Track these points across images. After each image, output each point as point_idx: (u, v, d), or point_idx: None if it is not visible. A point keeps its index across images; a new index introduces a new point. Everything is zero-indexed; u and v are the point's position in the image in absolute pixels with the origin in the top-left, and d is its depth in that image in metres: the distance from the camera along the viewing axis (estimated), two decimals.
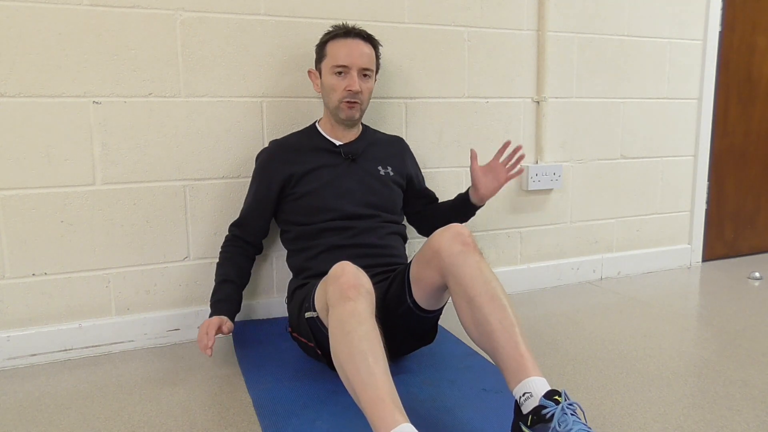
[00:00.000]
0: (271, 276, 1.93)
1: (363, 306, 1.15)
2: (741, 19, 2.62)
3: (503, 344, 1.15)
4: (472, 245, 1.28)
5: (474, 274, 1.23)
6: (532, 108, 2.24)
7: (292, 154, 1.68)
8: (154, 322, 1.80)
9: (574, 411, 1.03)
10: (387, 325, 1.30)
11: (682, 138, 2.56)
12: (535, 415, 1.04)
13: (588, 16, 2.28)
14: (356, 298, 1.16)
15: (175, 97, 1.75)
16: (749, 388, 1.47)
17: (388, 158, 1.76)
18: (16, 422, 1.34)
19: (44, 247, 1.67)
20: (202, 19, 1.75)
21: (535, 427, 1.03)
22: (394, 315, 1.41)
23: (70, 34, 1.63)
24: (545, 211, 2.33)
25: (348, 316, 1.13)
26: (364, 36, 1.65)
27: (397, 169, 1.76)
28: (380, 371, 1.06)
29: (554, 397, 1.05)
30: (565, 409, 1.02)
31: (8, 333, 1.65)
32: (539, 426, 1.02)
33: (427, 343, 1.55)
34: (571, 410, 1.02)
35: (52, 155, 1.65)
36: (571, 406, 1.03)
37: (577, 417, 1.02)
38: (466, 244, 1.27)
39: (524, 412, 1.07)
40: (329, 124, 1.72)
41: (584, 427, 1.00)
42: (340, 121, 1.68)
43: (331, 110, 1.68)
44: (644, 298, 2.21)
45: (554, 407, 1.02)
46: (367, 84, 1.66)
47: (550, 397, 1.05)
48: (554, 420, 1.01)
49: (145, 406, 1.41)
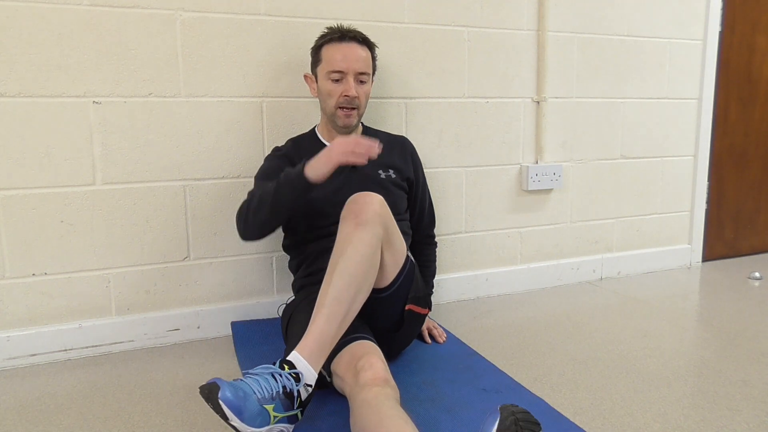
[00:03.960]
0: (271, 276, 1.93)
1: (392, 393, 1.19)
2: (741, 19, 2.62)
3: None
4: (363, 221, 1.32)
5: (339, 245, 1.33)
6: (532, 108, 2.24)
7: (296, 161, 1.64)
8: (154, 322, 1.80)
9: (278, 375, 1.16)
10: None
11: (682, 138, 2.56)
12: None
13: (588, 16, 2.28)
14: (384, 386, 1.19)
15: (175, 97, 1.75)
16: (749, 388, 1.47)
17: (390, 160, 1.73)
18: (16, 422, 1.34)
19: (44, 247, 1.67)
20: (202, 19, 1.75)
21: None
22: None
23: (70, 34, 1.63)
24: (545, 211, 2.33)
25: (373, 398, 1.16)
26: (359, 39, 1.62)
27: (398, 171, 1.73)
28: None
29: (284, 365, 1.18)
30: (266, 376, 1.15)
31: (8, 333, 1.65)
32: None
33: (399, 330, 1.54)
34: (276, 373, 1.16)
35: (52, 155, 1.65)
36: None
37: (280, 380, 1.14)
38: (358, 224, 1.32)
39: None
40: (326, 130, 1.70)
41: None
42: (338, 128, 1.66)
43: (328, 116, 1.66)
44: (644, 298, 2.21)
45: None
46: (364, 88, 1.63)
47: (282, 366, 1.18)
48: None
49: (145, 406, 1.41)
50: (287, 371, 1.16)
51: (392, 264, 1.44)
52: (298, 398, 1.16)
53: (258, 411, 1.09)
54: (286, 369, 1.17)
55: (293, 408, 1.15)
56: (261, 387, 1.12)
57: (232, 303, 1.89)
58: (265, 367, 1.17)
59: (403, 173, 1.74)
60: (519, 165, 2.25)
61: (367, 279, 1.33)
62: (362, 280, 1.31)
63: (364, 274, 1.31)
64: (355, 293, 1.29)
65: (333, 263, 1.32)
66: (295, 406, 1.16)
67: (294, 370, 1.18)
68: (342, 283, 1.28)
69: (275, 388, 1.13)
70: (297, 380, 1.16)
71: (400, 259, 1.46)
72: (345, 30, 1.62)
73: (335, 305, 1.26)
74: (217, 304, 1.87)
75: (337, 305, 1.26)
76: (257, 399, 1.10)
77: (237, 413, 1.07)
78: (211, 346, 1.79)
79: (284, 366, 1.17)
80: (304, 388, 1.18)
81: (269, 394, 1.12)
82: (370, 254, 1.32)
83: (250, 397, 1.10)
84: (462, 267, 2.21)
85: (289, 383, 1.15)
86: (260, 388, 1.12)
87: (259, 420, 1.10)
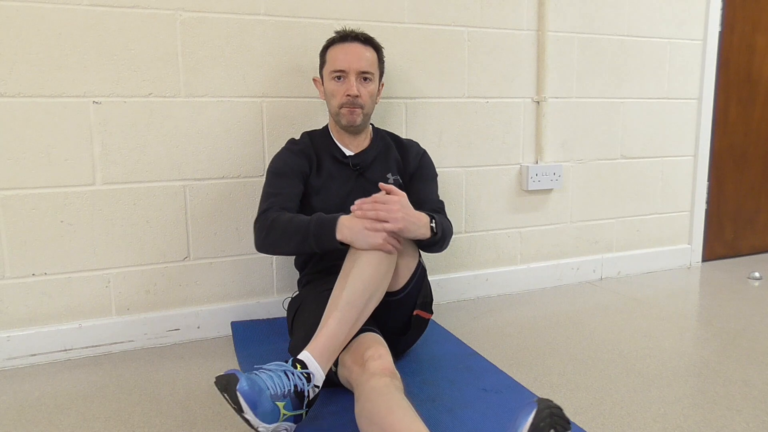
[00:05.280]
0: (271, 276, 1.93)
1: (400, 385, 1.19)
2: (741, 19, 2.62)
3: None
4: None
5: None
6: (532, 108, 2.24)
7: (315, 158, 1.65)
8: (154, 322, 1.80)
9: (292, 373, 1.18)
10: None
11: (682, 138, 2.56)
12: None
13: (588, 16, 2.28)
14: (392, 377, 1.20)
15: (175, 97, 1.75)
16: (749, 388, 1.47)
17: (396, 164, 1.71)
18: (16, 422, 1.34)
19: (44, 247, 1.67)
20: (202, 19, 1.75)
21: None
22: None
23: (70, 34, 1.63)
24: (545, 211, 2.33)
25: (383, 386, 1.16)
26: (361, 39, 1.62)
27: (401, 174, 1.71)
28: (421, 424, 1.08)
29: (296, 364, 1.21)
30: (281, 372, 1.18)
31: (8, 333, 1.65)
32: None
33: (406, 333, 1.54)
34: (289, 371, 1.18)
35: (52, 155, 1.65)
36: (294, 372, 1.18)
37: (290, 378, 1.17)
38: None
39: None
40: (336, 131, 1.69)
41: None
42: (344, 128, 1.65)
43: (333, 117, 1.66)
44: (644, 298, 2.21)
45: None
46: (368, 88, 1.62)
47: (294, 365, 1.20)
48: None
49: (145, 406, 1.41)
50: (299, 371, 1.18)
51: (405, 268, 1.44)
52: (306, 398, 1.17)
53: (270, 408, 1.12)
54: (299, 368, 1.19)
55: (301, 407, 1.17)
56: (274, 383, 1.14)
57: (232, 303, 1.89)
58: (278, 365, 1.19)
59: (402, 175, 1.73)
60: (519, 165, 2.25)
61: (381, 285, 1.34)
62: (376, 287, 1.32)
63: (379, 280, 1.32)
64: (369, 299, 1.30)
65: (348, 266, 1.32)
66: (303, 405, 1.17)
67: (306, 370, 1.19)
68: (356, 288, 1.29)
69: (287, 386, 1.15)
70: (308, 380, 1.18)
71: (412, 264, 1.46)
72: (350, 31, 1.63)
73: (348, 309, 1.27)
74: (217, 304, 1.87)
75: (350, 310, 1.27)
76: (270, 395, 1.12)
77: (252, 407, 1.09)
78: (211, 346, 1.79)
79: (296, 365, 1.19)
80: (313, 389, 1.19)
81: (282, 392, 1.14)
82: (387, 261, 1.34)
83: (264, 392, 1.12)
84: (462, 267, 2.21)
85: (300, 383, 1.17)
86: (273, 384, 1.14)
87: (270, 416, 1.12)
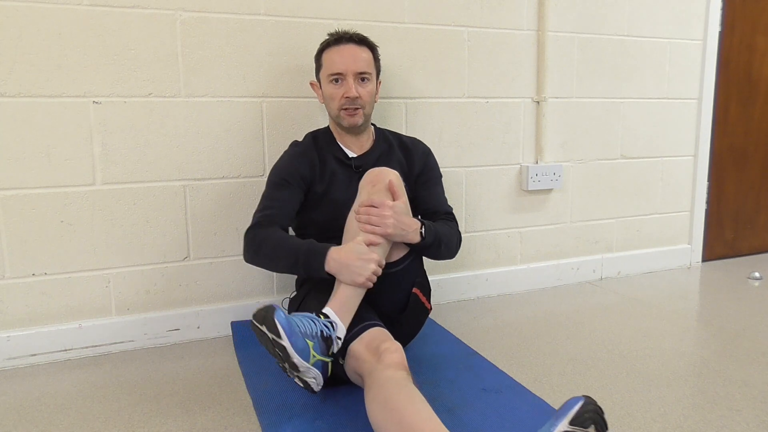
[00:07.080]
0: (271, 276, 1.93)
1: (414, 380, 1.21)
2: (741, 19, 2.62)
3: None
4: (378, 190, 1.44)
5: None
6: (532, 108, 2.24)
7: (318, 161, 1.64)
8: (154, 322, 1.80)
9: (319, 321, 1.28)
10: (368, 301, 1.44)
11: (682, 138, 2.56)
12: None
13: (588, 16, 2.28)
14: (408, 372, 1.23)
15: (175, 97, 1.75)
16: (749, 388, 1.47)
17: (400, 165, 1.69)
18: (16, 422, 1.35)
19: (44, 247, 1.67)
20: (202, 19, 1.75)
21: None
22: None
23: (70, 34, 1.63)
24: (545, 211, 2.33)
25: (400, 377, 1.19)
26: (356, 40, 1.61)
27: (405, 175, 1.68)
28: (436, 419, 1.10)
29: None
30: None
31: (8, 333, 1.65)
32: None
33: (402, 312, 1.54)
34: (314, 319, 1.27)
35: (52, 155, 1.65)
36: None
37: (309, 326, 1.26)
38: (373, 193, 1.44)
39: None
40: (337, 133, 1.69)
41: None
42: (346, 130, 1.65)
43: (334, 120, 1.65)
44: (644, 298, 2.21)
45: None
46: (366, 88, 1.61)
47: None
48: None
49: (145, 406, 1.41)
50: (323, 320, 1.29)
51: (401, 244, 1.50)
52: (331, 346, 1.28)
53: (302, 345, 1.21)
54: (322, 318, 1.29)
55: (327, 354, 1.27)
56: (305, 324, 1.24)
57: (232, 303, 1.89)
58: (303, 314, 1.27)
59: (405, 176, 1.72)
60: (519, 165, 2.25)
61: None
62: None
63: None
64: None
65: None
66: (329, 352, 1.27)
67: (329, 319, 1.30)
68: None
69: (315, 329, 1.25)
70: (333, 328, 1.29)
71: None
72: (343, 33, 1.62)
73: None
74: (217, 304, 1.87)
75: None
76: (301, 332, 1.22)
77: (288, 335, 1.19)
78: (211, 346, 1.79)
79: (320, 315, 1.30)
80: (336, 340, 1.29)
81: (311, 332, 1.24)
82: (385, 243, 1.43)
83: (296, 329, 1.21)
84: (462, 267, 2.21)
85: (326, 329, 1.27)
86: (304, 325, 1.24)
87: (302, 354, 1.21)
